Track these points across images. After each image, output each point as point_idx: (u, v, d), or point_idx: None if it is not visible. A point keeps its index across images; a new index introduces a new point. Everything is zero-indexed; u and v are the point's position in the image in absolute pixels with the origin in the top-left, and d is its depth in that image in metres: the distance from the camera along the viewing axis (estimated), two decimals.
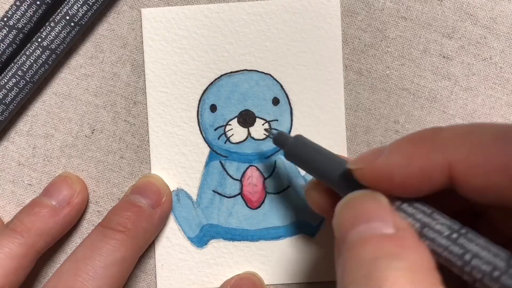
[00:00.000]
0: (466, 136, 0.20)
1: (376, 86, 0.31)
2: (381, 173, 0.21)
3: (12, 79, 0.30)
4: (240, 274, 0.31)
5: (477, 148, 0.19)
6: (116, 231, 0.28)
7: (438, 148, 0.20)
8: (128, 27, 0.32)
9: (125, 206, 0.29)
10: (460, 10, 0.31)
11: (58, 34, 0.30)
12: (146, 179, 0.31)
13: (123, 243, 0.28)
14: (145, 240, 0.30)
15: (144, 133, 0.32)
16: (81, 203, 0.31)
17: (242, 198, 0.31)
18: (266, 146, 0.31)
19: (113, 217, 0.29)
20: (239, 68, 0.31)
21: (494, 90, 0.31)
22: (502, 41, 0.31)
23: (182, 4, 0.32)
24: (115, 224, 0.28)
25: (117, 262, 0.28)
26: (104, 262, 0.27)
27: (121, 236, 0.28)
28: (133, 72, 0.32)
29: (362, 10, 0.31)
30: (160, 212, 0.30)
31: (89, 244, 0.28)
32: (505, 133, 0.19)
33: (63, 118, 0.32)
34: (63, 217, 0.30)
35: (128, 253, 0.28)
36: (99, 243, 0.28)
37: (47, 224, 0.29)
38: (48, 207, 0.29)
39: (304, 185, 0.30)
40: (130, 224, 0.28)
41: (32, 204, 0.30)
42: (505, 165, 0.19)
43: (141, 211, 0.29)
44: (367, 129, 0.31)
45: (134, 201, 0.30)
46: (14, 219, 0.29)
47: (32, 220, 0.29)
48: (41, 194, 0.31)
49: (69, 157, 0.32)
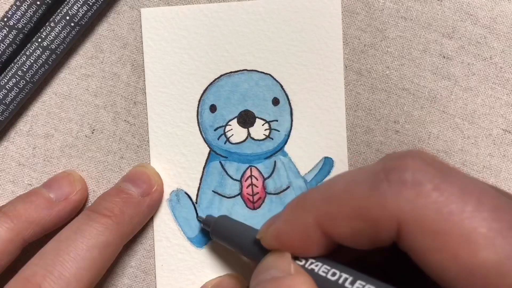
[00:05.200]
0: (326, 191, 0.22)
1: (376, 86, 0.31)
2: (273, 239, 0.23)
3: (12, 79, 0.30)
4: (222, 276, 0.31)
5: (332, 200, 0.21)
6: (102, 215, 0.28)
7: (308, 209, 0.22)
8: (128, 27, 0.32)
9: (114, 192, 0.29)
10: (460, 10, 0.31)
11: (58, 34, 0.30)
12: (139, 168, 0.31)
13: (108, 228, 0.28)
14: (131, 228, 0.30)
15: (144, 133, 0.32)
16: (78, 201, 0.31)
17: (241, 199, 0.31)
18: (266, 147, 0.31)
19: (101, 202, 0.29)
20: (239, 68, 0.31)
21: (494, 90, 0.31)
22: (502, 41, 0.31)
23: (182, 4, 0.32)
24: (102, 209, 0.28)
25: (100, 246, 0.27)
26: (87, 244, 0.27)
27: (106, 221, 0.28)
28: (133, 72, 0.32)
29: (362, 10, 0.31)
30: (149, 201, 0.30)
31: (74, 226, 0.28)
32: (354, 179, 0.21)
33: (63, 118, 0.32)
34: (57, 211, 0.30)
35: (112, 238, 0.28)
36: (84, 225, 0.28)
37: (40, 214, 0.29)
38: (45, 198, 0.30)
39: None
40: (116, 210, 0.28)
41: (29, 193, 0.30)
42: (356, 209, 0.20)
43: (130, 198, 0.29)
44: (367, 129, 0.31)
45: (124, 188, 0.30)
46: (8, 203, 0.30)
47: (26, 207, 0.29)
48: (41, 185, 0.31)
49: (69, 157, 0.32)
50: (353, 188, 0.21)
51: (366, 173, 0.21)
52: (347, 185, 0.21)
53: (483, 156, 0.31)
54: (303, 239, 0.22)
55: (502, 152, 0.31)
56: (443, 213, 0.18)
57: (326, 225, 0.21)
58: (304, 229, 0.22)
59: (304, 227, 0.22)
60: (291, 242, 0.23)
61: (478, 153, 0.31)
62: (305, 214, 0.22)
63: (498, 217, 0.18)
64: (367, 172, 0.21)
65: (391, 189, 0.19)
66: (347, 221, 0.21)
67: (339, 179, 0.22)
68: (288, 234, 0.23)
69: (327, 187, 0.22)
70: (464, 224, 0.18)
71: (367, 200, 0.20)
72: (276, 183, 0.31)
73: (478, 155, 0.31)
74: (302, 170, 0.31)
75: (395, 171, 0.20)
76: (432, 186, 0.19)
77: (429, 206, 0.19)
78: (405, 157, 0.20)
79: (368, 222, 0.20)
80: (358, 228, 0.20)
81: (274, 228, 0.23)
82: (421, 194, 0.19)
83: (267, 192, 0.31)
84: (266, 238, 0.24)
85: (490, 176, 0.31)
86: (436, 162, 0.20)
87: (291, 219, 0.23)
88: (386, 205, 0.19)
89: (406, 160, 0.20)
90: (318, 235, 0.22)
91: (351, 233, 0.21)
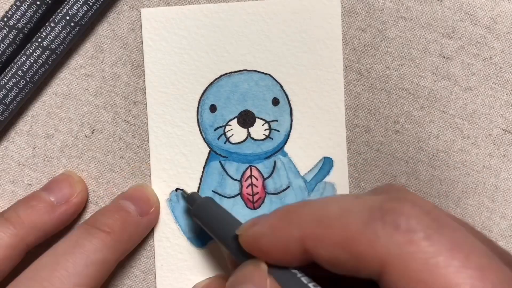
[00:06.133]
0: (318, 211, 0.22)
1: (376, 86, 0.31)
2: (252, 241, 0.23)
3: (12, 79, 0.30)
4: (211, 277, 0.31)
5: (323, 223, 0.21)
6: (102, 231, 0.28)
7: (296, 222, 0.22)
8: (128, 27, 0.32)
9: (114, 209, 0.29)
10: (460, 10, 0.31)
11: (58, 34, 0.30)
12: (137, 187, 0.31)
13: (107, 245, 0.28)
14: (128, 246, 0.30)
15: (144, 133, 0.32)
16: (79, 203, 0.30)
17: (241, 199, 0.31)
18: (266, 147, 0.31)
19: (100, 217, 0.29)
20: (239, 68, 0.31)
21: (494, 90, 0.31)
22: (502, 41, 0.31)
23: (182, 4, 0.32)
24: (102, 224, 0.28)
25: (98, 262, 0.27)
26: (85, 261, 0.27)
27: (106, 237, 0.28)
28: (133, 72, 0.32)
29: (362, 10, 0.31)
30: (146, 221, 0.30)
31: (72, 240, 0.28)
32: (349, 208, 0.21)
33: (63, 118, 0.32)
34: (58, 215, 0.29)
35: (110, 256, 0.28)
36: (83, 240, 0.27)
37: (42, 219, 0.29)
38: (46, 202, 0.29)
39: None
40: (116, 227, 0.28)
41: (30, 197, 0.30)
42: (345, 239, 0.20)
43: (129, 216, 0.29)
44: (367, 129, 0.31)
45: (124, 206, 0.30)
46: (10, 209, 0.29)
47: (28, 213, 0.29)
48: (41, 188, 0.31)
49: (69, 157, 0.32)
50: (346, 218, 0.21)
51: (362, 205, 0.21)
52: (341, 213, 0.21)
53: (483, 156, 0.31)
54: (283, 250, 0.22)
55: (502, 152, 0.31)
56: (429, 264, 0.18)
57: (310, 245, 0.21)
58: (286, 241, 0.22)
59: (287, 240, 0.22)
60: (270, 249, 0.23)
61: (478, 153, 0.31)
62: (292, 227, 0.22)
63: (484, 277, 0.18)
64: (364, 204, 0.21)
65: (384, 231, 0.19)
66: (332, 248, 0.21)
67: (334, 203, 0.22)
68: (269, 241, 0.23)
69: (320, 207, 0.22)
70: (449, 279, 0.18)
71: (358, 234, 0.20)
72: (276, 183, 0.31)
73: (478, 155, 0.31)
74: (302, 170, 0.31)
75: (391, 214, 0.20)
76: (424, 235, 0.19)
77: (417, 254, 0.19)
78: (404, 201, 0.20)
79: (353, 255, 0.20)
80: (342, 257, 0.20)
81: (256, 231, 0.23)
82: (411, 241, 0.19)
83: (267, 192, 0.31)
84: (245, 237, 0.24)
85: (490, 176, 0.31)
86: (433, 212, 0.20)
87: (276, 227, 0.23)
88: (375, 244, 0.19)
89: (405, 205, 0.20)
90: (299, 250, 0.22)
91: (333, 259, 0.21)
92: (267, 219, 0.23)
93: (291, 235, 0.22)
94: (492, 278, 0.18)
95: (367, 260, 0.20)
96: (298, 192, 0.31)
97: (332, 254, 0.21)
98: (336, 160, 0.31)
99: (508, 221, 0.31)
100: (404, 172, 0.31)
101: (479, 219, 0.31)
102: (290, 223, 0.22)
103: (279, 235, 0.22)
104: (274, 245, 0.22)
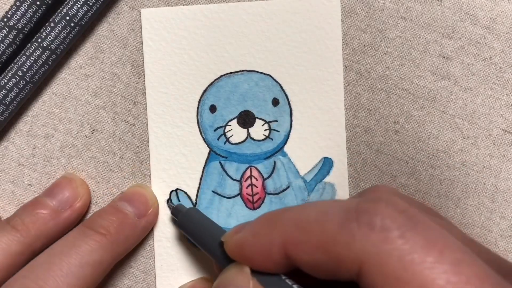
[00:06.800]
0: (297, 216, 0.22)
1: (375, 86, 0.31)
2: (236, 247, 0.24)
3: (12, 79, 0.30)
4: (195, 280, 0.31)
5: (302, 227, 0.21)
6: (98, 233, 0.28)
7: (278, 228, 0.22)
8: (128, 27, 0.32)
9: (111, 211, 0.29)
10: (460, 10, 0.31)
11: (58, 34, 0.30)
12: (136, 188, 0.31)
13: (102, 246, 0.28)
14: (124, 248, 0.30)
15: (144, 134, 0.32)
16: (82, 207, 0.31)
17: (241, 199, 0.31)
18: (265, 147, 0.31)
19: (97, 219, 0.29)
20: (238, 69, 0.31)
21: (494, 90, 0.31)
22: (502, 41, 0.31)
23: (182, 4, 0.32)
24: (98, 226, 0.28)
25: (93, 264, 0.27)
26: (80, 261, 0.27)
27: (102, 239, 0.28)
28: (133, 73, 0.32)
29: (362, 11, 0.31)
30: (144, 223, 0.30)
31: (68, 241, 0.28)
32: (326, 211, 0.21)
33: (63, 118, 0.32)
34: (63, 220, 0.30)
35: (105, 257, 0.28)
36: (78, 241, 0.28)
37: (47, 226, 0.29)
38: (50, 208, 0.30)
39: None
40: (112, 229, 0.28)
41: (34, 203, 0.30)
42: (323, 242, 0.21)
43: (126, 218, 0.29)
44: (367, 129, 0.31)
45: (121, 208, 0.30)
46: (15, 216, 0.29)
47: (33, 220, 0.29)
48: (44, 193, 0.31)
49: (69, 157, 0.32)
50: (324, 220, 0.21)
51: (339, 208, 0.21)
52: (319, 216, 0.21)
53: (483, 156, 0.31)
54: (265, 255, 0.22)
55: (502, 152, 0.31)
56: (404, 261, 0.19)
57: (290, 249, 0.22)
58: (268, 247, 0.22)
59: (269, 245, 0.22)
60: (253, 255, 0.23)
61: (478, 153, 0.31)
62: (273, 232, 0.22)
63: (458, 271, 0.18)
64: (340, 207, 0.21)
65: (359, 231, 0.20)
66: (311, 251, 0.21)
67: (313, 207, 0.22)
68: (252, 247, 0.23)
69: (299, 212, 0.22)
70: (424, 274, 0.18)
71: (335, 236, 0.20)
72: (276, 183, 0.31)
73: (478, 155, 0.31)
74: (301, 170, 0.31)
75: (366, 214, 0.20)
76: (399, 233, 0.19)
77: (392, 252, 0.19)
78: (379, 201, 0.20)
79: (331, 257, 0.20)
80: (321, 260, 0.21)
81: (240, 237, 0.24)
82: (386, 240, 0.19)
83: (266, 192, 0.31)
84: (230, 244, 0.24)
85: (490, 176, 0.31)
86: (408, 210, 0.20)
87: (258, 233, 0.23)
88: (351, 245, 0.20)
89: (379, 205, 0.20)
90: (281, 255, 0.22)
91: (313, 263, 0.21)
92: (250, 226, 0.24)
93: (273, 240, 0.22)
94: (467, 272, 0.18)
95: (345, 261, 0.20)
96: (298, 192, 0.31)
97: (312, 258, 0.21)
98: (336, 160, 0.31)
99: (508, 221, 0.31)
100: (404, 172, 0.31)
101: (479, 219, 0.31)
102: (272, 229, 0.22)
103: (261, 241, 0.23)
104: (256, 251, 0.23)
